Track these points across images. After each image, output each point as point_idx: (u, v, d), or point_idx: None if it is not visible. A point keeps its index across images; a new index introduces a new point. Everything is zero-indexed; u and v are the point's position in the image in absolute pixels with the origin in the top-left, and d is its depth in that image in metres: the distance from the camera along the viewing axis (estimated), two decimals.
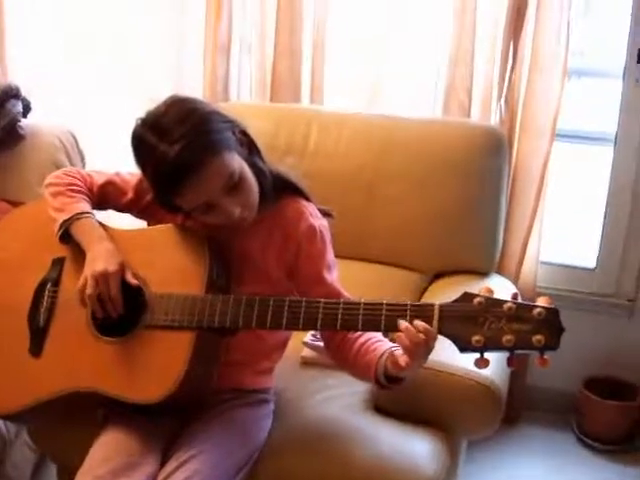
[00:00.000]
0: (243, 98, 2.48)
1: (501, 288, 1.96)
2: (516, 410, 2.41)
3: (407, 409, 1.57)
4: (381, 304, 1.28)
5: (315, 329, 1.34)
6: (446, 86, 2.22)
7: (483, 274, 2.04)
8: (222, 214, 1.38)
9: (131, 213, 1.60)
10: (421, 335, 1.22)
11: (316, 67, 2.35)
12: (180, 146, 1.30)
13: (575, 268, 2.43)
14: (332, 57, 2.35)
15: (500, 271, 2.20)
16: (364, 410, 1.59)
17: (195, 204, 1.37)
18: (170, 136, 1.31)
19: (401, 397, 1.56)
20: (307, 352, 1.79)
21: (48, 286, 1.49)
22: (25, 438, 1.75)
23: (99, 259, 1.41)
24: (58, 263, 1.51)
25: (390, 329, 1.28)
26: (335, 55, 2.36)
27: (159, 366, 1.36)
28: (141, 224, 1.62)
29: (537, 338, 1.18)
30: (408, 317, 1.25)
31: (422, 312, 1.26)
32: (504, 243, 2.18)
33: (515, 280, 2.25)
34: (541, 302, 1.21)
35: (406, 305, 1.27)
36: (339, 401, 1.62)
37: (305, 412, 1.58)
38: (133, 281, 1.41)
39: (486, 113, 2.20)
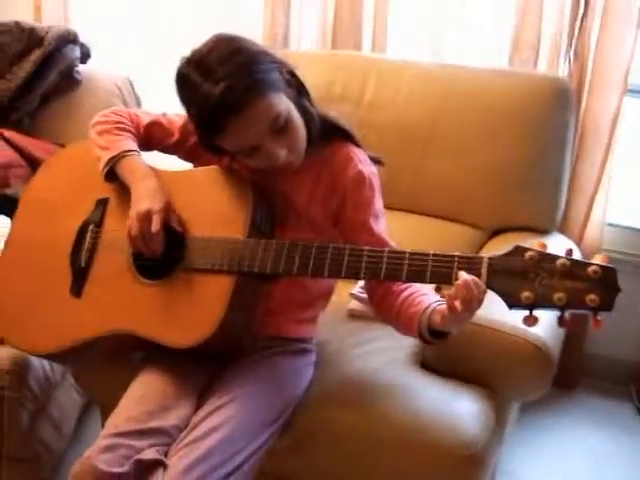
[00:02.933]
0: (304, 47, 2.41)
1: (561, 246, 1.87)
2: (573, 376, 2.33)
3: (453, 366, 1.52)
4: (427, 254, 1.22)
5: (358, 278, 1.28)
6: (512, 36, 2.11)
7: (544, 232, 1.94)
8: (267, 157, 1.34)
9: (177, 155, 1.57)
10: (473, 289, 1.16)
11: (378, 15, 2.25)
12: (224, 85, 1.25)
13: None
14: (395, 5, 2.25)
15: (563, 231, 2.11)
16: (409, 365, 1.55)
17: (239, 146, 1.33)
18: (214, 75, 1.27)
19: (447, 353, 1.51)
20: (354, 304, 1.74)
21: (91, 227, 1.48)
22: (72, 380, 1.76)
23: (144, 198, 1.39)
24: (102, 204, 1.50)
25: (436, 280, 1.22)
26: (399, 3, 2.26)
27: (196, 310, 1.33)
28: (187, 166, 1.59)
29: (591, 297, 1.11)
30: (455, 269, 1.19)
31: (470, 264, 1.19)
32: (568, 202, 2.09)
33: (579, 241, 2.15)
34: (598, 260, 1.13)
35: (454, 257, 1.20)
36: (383, 355, 1.57)
37: (347, 364, 1.55)
38: (176, 226, 1.38)
39: (554, 65, 2.08)
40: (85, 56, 2.26)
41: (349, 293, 1.74)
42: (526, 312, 1.16)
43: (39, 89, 2.08)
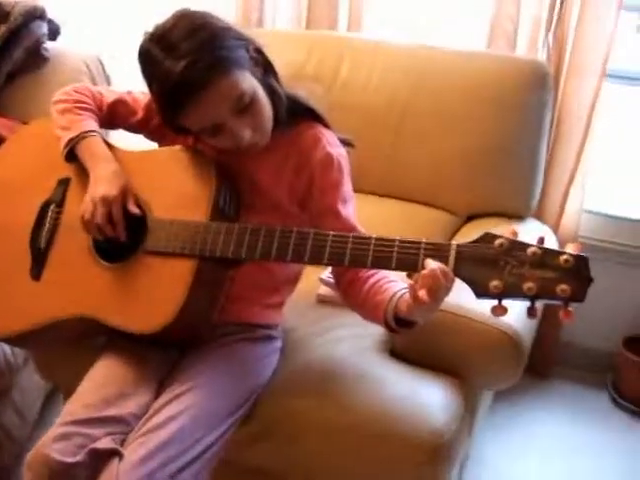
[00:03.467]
0: (278, 26, 2.36)
1: (535, 233, 1.84)
2: (547, 365, 2.31)
3: (423, 355, 1.48)
4: (394, 240, 1.18)
5: (322, 264, 1.24)
6: (491, 19, 2.06)
7: (519, 218, 1.91)
8: (231, 137, 1.29)
9: (142, 134, 1.52)
10: (440, 277, 1.12)
11: None
12: (186, 62, 1.21)
13: (621, 219, 2.26)
14: None
15: (540, 218, 2.07)
16: (377, 353, 1.51)
17: (201, 125, 1.28)
18: (176, 51, 1.22)
19: (416, 341, 1.48)
20: (323, 289, 1.70)
21: (51, 207, 1.44)
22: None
23: (101, 182, 1.34)
24: (63, 184, 1.45)
25: (402, 267, 1.18)
26: None
27: (157, 295, 1.29)
28: (152, 146, 1.54)
29: (562, 288, 1.07)
30: (422, 256, 1.15)
31: (438, 251, 1.15)
32: (545, 188, 2.05)
33: (555, 228, 2.11)
34: (570, 249, 1.10)
35: (421, 243, 1.16)
36: (352, 342, 1.53)
37: (314, 351, 1.51)
38: (134, 209, 1.34)
39: (533, 49, 2.03)
40: (54, 33, 2.19)
41: (318, 278, 1.70)
42: (495, 302, 1.13)
43: (4, 66, 2.01)
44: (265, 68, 1.35)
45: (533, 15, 2.00)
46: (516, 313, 1.16)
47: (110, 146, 1.43)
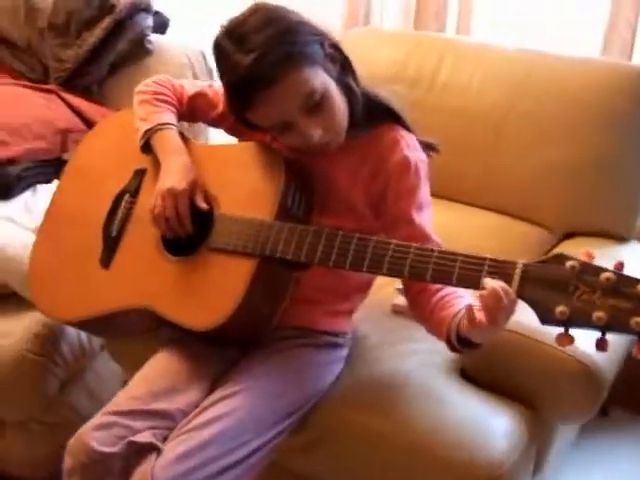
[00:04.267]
0: (386, 25, 2.30)
1: (628, 257, 1.69)
2: None
3: (493, 378, 1.39)
4: (457, 254, 1.11)
5: (380, 273, 1.18)
6: (606, 25, 1.92)
7: (621, 239, 1.77)
8: (300, 136, 1.25)
9: (222, 128, 1.50)
10: (501, 297, 1.04)
11: None
12: (255, 55, 1.17)
13: None
14: None
15: None
16: (446, 371, 1.43)
17: (269, 122, 1.25)
18: (247, 44, 1.19)
19: (487, 363, 1.39)
20: (399, 300, 1.63)
21: (126, 197, 1.44)
22: None
23: (170, 174, 1.34)
24: (139, 174, 1.45)
25: (463, 284, 1.10)
26: None
27: (215, 293, 1.27)
28: (233, 141, 1.53)
29: (637, 320, 0.96)
30: (484, 273, 1.07)
31: (502, 269, 1.07)
32: None
33: None
34: None
35: (485, 259, 1.08)
36: (421, 357, 1.45)
37: (381, 362, 1.44)
38: (202, 204, 1.32)
39: None
40: (162, 26, 2.24)
41: (395, 288, 1.63)
42: (561, 329, 1.03)
43: (108, 56, 2.08)
44: (342, 65, 1.30)
45: None
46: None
47: (185, 139, 1.42)
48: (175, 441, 1.18)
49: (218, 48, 1.25)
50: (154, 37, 2.16)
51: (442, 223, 1.75)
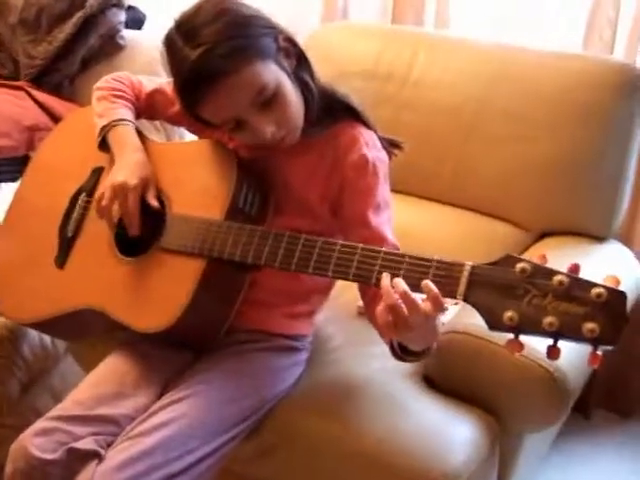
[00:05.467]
0: (364, 19, 2.26)
1: (604, 257, 1.65)
2: (630, 404, 2.08)
3: (455, 383, 1.35)
4: (403, 256, 1.06)
5: (327, 276, 1.14)
6: (588, 17, 1.87)
7: (599, 239, 1.72)
8: (252, 133, 1.21)
9: (181, 125, 1.48)
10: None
11: None
12: (203, 50, 1.14)
13: None
14: None
15: (628, 241, 1.86)
16: (408, 376, 1.38)
17: (220, 118, 1.21)
18: (196, 38, 1.15)
19: (449, 368, 1.35)
20: None
21: (82, 196, 1.41)
22: None
23: (123, 170, 1.30)
24: (97, 172, 1.42)
25: (410, 288, 1.05)
26: None
27: (163, 294, 1.23)
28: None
29: (589, 327, 0.91)
30: (431, 275, 1.03)
31: (449, 271, 1.02)
32: (634, 209, 1.84)
33: None
34: (606, 281, 0.94)
35: (431, 261, 1.04)
36: (384, 360, 1.37)
37: (341, 366, 1.41)
38: (153, 202, 1.28)
39: (631, 53, 1.83)
40: (137, 21, 2.20)
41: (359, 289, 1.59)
42: (511, 335, 0.99)
43: (79, 52, 2.05)
44: (298, 60, 1.26)
45: (633, 16, 1.79)
46: (566, 348, 0.99)
47: (142, 136, 1.39)
48: (118, 448, 1.14)
49: (169, 42, 1.21)
50: (128, 33, 2.12)
51: (413, 222, 1.75)
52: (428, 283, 1.00)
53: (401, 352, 1.13)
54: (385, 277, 1.02)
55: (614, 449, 2.02)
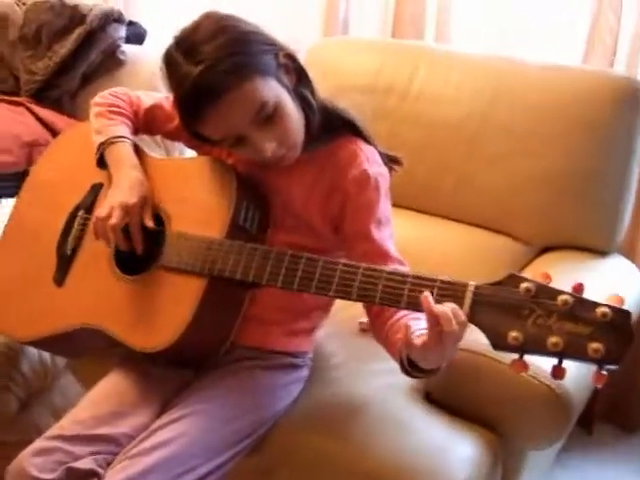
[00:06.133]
0: (364, 33, 2.26)
1: (607, 273, 1.64)
2: (635, 418, 2.07)
3: (457, 401, 1.34)
4: (407, 275, 1.06)
5: (329, 295, 1.13)
6: (589, 30, 1.87)
7: (602, 253, 1.71)
8: (253, 150, 1.21)
9: (180, 141, 1.47)
10: (450, 320, 0.98)
11: (442, 4, 2.08)
12: (204, 67, 1.13)
13: None
14: None
15: (631, 255, 1.85)
16: (410, 394, 1.37)
17: (221, 135, 1.21)
18: (196, 55, 1.15)
19: (450, 385, 1.33)
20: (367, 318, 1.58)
21: (80, 212, 1.40)
22: None
23: (121, 188, 1.29)
24: (95, 189, 1.41)
25: (412, 307, 1.05)
26: None
27: (164, 313, 1.22)
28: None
29: (594, 347, 0.92)
30: (435, 295, 1.02)
31: (453, 291, 1.02)
32: (636, 220, 1.83)
33: None
34: (610, 301, 0.94)
35: (435, 281, 1.03)
36: (385, 377, 1.39)
37: (343, 383, 1.39)
38: (149, 222, 1.27)
39: (633, 66, 1.83)
40: (138, 37, 2.20)
41: (364, 305, 1.58)
42: (515, 355, 0.98)
43: (80, 68, 2.05)
44: (298, 77, 1.26)
45: (633, 30, 1.79)
46: (569, 364, 0.98)
47: (141, 152, 1.38)
48: (117, 467, 1.13)
49: (168, 59, 1.21)
50: (128, 48, 2.12)
51: (414, 237, 1.74)
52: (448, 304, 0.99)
53: (410, 368, 1.12)
54: (426, 294, 1.00)
55: (618, 464, 2.01)
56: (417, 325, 1.11)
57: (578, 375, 1.26)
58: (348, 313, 1.54)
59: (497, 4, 2.08)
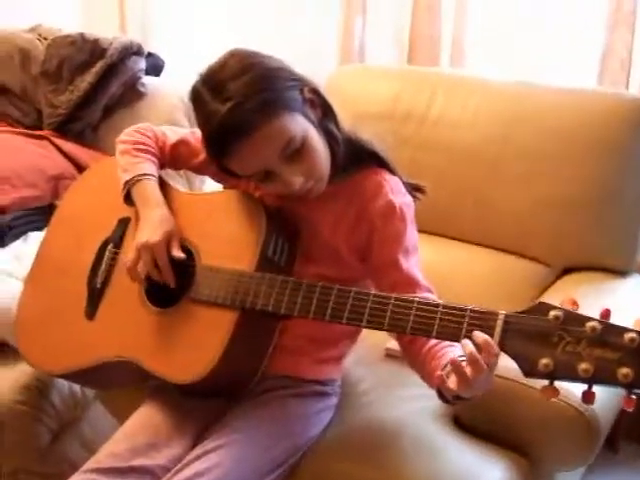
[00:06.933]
0: (380, 60, 2.29)
1: (628, 294, 1.66)
2: None
3: (487, 426, 1.35)
4: (437, 305, 1.08)
5: (361, 326, 1.15)
6: (602, 54, 1.90)
7: (621, 273, 1.72)
8: (281, 184, 1.23)
9: (206, 175, 1.50)
10: (480, 352, 1.01)
11: (457, 30, 2.12)
12: (232, 104, 1.16)
13: None
14: (476, 17, 2.10)
15: None
16: (439, 419, 1.39)
17: (249, 171, 1.23)
18: (224, 93, 1.18)
19: (480, 410, 1.34)
20: (392, 344, 1.59)
21: (110, 247, 1.43)
22: None
23: (146, 229, 1.32)
24: (123, 223, 1.44)
25: (443, 337, 1.08)
26: (480, 15, 2.11)
27: (197, 345, 1.24)
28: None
29: (624, 372, 0.93)
30: (465, 325, 1.04)
31: (483, 320, 1.04)
32: None
33: None
34: (637, 325, 0.95)
35: (465, 310, 1.05)
36: (415, 403, 1.41)
37: (372, 410, 1.41)
38: (178, 254, 1.29)
39: None
40: (156, 68, 2.24)
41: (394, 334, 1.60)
42: (545, 382, 0.99)
43: (101, 101, 2.08)
44: (323, 110, 1.28)
45: None
46: (597, 387, 1.00)
47: (167, 187, 1.41)
48: None
49: (195, 96, 1.24)
50: (147, 80, 2.16)
51: (436, 262, 1.75)
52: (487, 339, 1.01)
53: (451, 397, 1.13)
54: (466, 342, 1.03)
55: None
56: (457, 352, 1.13)
57: (605, 398, 1.28)
58: (373, 339, 1.55)
59: (510, 27, 2.10)
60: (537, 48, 2.07)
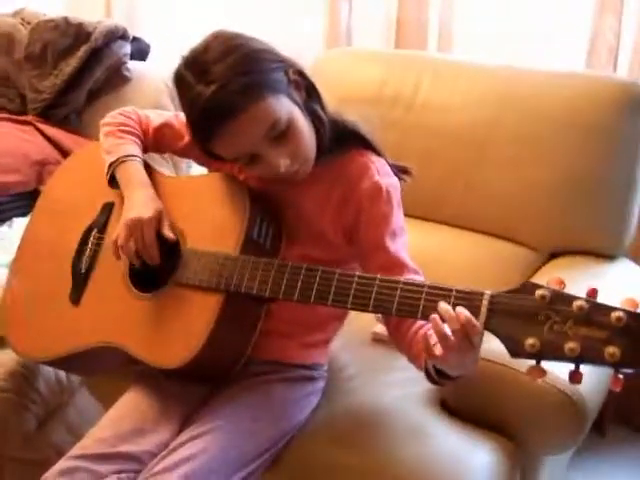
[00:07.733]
0: (367, 44, 2.28)
1: (616, 277, 1.65)
2: None
3: (474, 409, 1.35)
4: (423, 285, 1.07)
5: (347, 307, 1.14)
6: (590, 39, 1.89)
7: (609, 257, 1.72)
8: (267, 166, 1.22)
9: (190, 158, 1.49)
10: (459, 324, 1.00)
11: (444, 13, 2.10)
12: (216, 87, 1.14)
13: None
14: (464, 1, 2.09)
15: (637, 258, 1.85)
16: (426, 402, 1.38)
17: (235, 153, 1.22)
18: (207, 75, 1.16)
19: (467, 394, 1.34)
20: (379, 328, 1.59)
21: (94, 232, 1.42)
22: None
23: (135, 206, 1.31)
24: (107, 208, 1.42)
25: (428, 318, 1.06)
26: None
27: (182, 329, 1.23)
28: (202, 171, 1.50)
29: (610, 351, 0.93)
30: (451, 305, 1.03)
31: (469, 300, 1.03)
32: None
33: None
34: (624, 304, 0.95)
35: (451, 290, 1.04)
36: (401, 388, 1.41)
37: (359, 394, 1.40)
38: (169, 234, 1.29)
39: (636, 70, 1.84)
40: (142, 53, 2.22)
41: (375, 315, 1.59)
42: (532, 362, 0.99)
43: (86, 85, 2.06)
44: (308, 92, 1.27)
45: (635, 35, 1.81)
46: (584, 370, 0.98)
47: (151, 170, 1.40)
48: None
49: (179, 80, 1.22)
50: (133, 64, 2.14)
51: (424, 246, 1.74)
52: (461, 310, 1.01)
53: (438, 377, 1.13)
54: (442, 304, 1.03)
55: (631, 465, 2.02)
56: None
57: (593, 380, 1.28)
58: (359, 323, 1.55)
59: (498, 11, 2.09)
60: (525, 32, 2.05)
